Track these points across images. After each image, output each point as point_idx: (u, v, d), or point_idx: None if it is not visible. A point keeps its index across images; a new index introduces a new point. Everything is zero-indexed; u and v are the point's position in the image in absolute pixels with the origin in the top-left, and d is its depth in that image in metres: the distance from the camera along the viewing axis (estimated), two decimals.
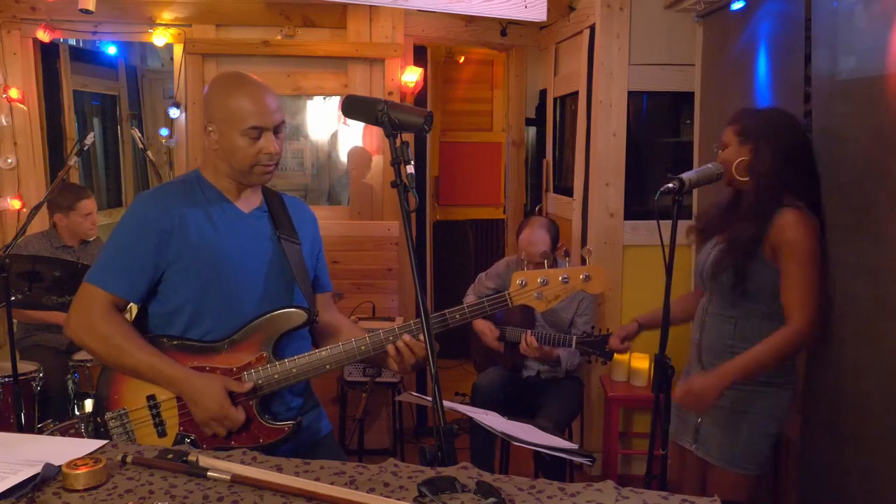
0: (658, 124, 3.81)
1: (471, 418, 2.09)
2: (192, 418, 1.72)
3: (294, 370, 1.73)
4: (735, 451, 2.20)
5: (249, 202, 1.85)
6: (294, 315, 1.77)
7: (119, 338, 1.70)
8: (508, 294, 1.75)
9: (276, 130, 1.76)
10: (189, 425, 1.73)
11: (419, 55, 4.45)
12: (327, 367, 1.74)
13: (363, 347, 1.73)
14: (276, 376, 1.73)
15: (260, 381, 1.72)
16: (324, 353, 1.74)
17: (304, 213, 1.97)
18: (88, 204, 3.57)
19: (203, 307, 1.75)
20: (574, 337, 3.08)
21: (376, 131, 4.08)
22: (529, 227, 3.24)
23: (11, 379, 2.71)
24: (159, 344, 1.75)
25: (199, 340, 1.75)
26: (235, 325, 1.75)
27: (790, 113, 2.28)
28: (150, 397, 1.74)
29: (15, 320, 3.35)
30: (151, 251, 1.72)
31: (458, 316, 1.74)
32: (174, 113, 4.14)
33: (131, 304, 1.81)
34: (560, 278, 1.74)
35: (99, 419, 1.77)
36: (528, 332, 3.13)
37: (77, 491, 1.24)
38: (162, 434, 1.75)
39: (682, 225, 2.20)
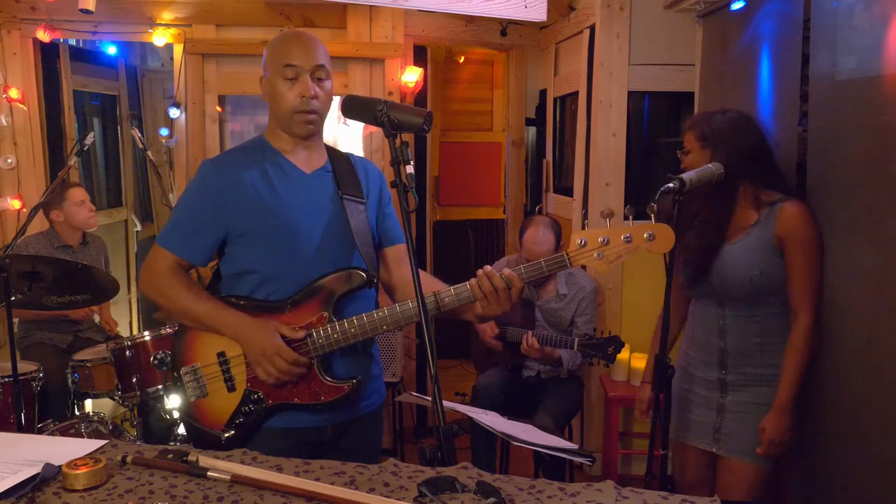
0: (658, 124, 3.81)
1: (471, 418, 2.09)
2: (256, 375, 1.77)
3: (353, 330, 1.75)
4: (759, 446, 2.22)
5: (312, 162, 1.86)
6: (354, 276, 1.80)
7: (180, 289, 1.80)
8: (567, 254, 1.67)
9: (317, 77, 1.77)
10: (256, 382, 1.79)
11: (419, 55, 4.46)
12: (384, 327, 1.75)
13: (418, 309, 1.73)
14: (335, 336, 1.75)
15: (320, 341, 1.75)
16: (381, 313, 1.75)
17: (371, 170, 1.98)
18: (76, 192, 3.57)
19: (267, 269, 1.79)
20: (576, 339, 3.08)
21: (376, 131, 4.08)
22: (534, 226, 3.23)
23: (11, 379, 2.70)
24: (228, 304, 1.81)
25: (264, 300, 1.81)
26: (297, 285, 1.79)
27: (745, 114, 2.33)
28: (220, 354, 1.82)
29: (16, 319, 3.36)
30: (211, 215, 1.78)
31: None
32: (174, 113, 4.14)
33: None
34: (623, 237, 1.64)
35: (175, 374, 1.86)
36: (530, 332, 3.13)
37: (77, 491, 1.24)
38: (231, 389, 1.81)
39: None
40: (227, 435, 1.80)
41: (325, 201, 1.84)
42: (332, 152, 1.93)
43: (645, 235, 1.64)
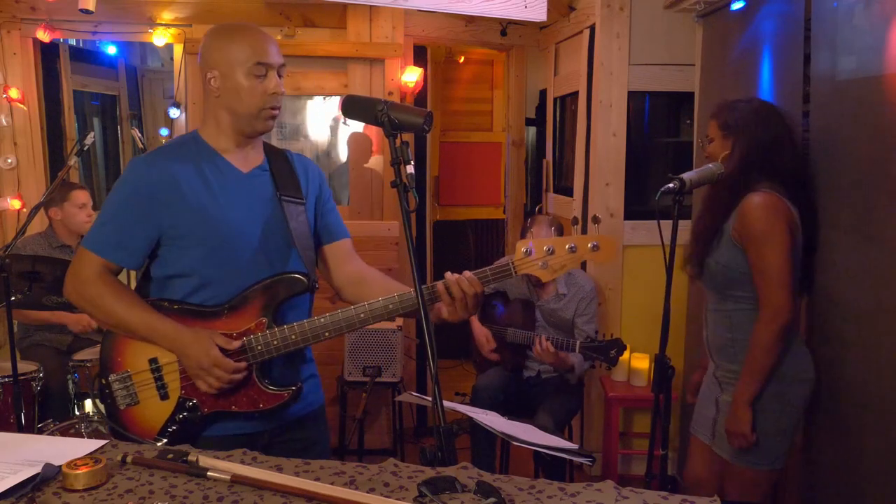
0: (658, 124, 3.81)
1: (471, 418, 2.09)
2: (194, 383, 1.71)
3: (293, 337, 1.70)
4: (749, 449, 2.17)
5: (249, 161, 1.80)
6: (294, 281, 1.74)
7: (110, 298, 1.70)
8: (512, 262, 1.68)
9: (279, 74, 1.75)
10: (190, 389, 1.72)
11: (419, 55, 4.45)
12: (326, 334, 1.70)
13: (362, 316, 1.68)
14: (274, 342, 1.70)
15: (259, 348, 1.70)
16: (323, 319, 1.70)
17: (310, 168, 1.93)
18: (80, 194, 3.57)
19: (203, 273, 1.72)
20: (578, 341, 3.07)
21: (376, 131, 4.08)
22: (538, 225, 3.22)
23: (11, 379, 2.70)
24: (160, 307, 1.74)
25: (199, 305, 1.74)
26: (235, 289, 1.73)
27: (769, 104, 2.30)
28: (153, 360, 1.74)
29: (15, 320, 3.35)
30: (143, 216, 1.70)
31: None
32: (174, 113, 4.14)
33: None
34: (567, 247, 1.67)
35: (104, 381, 1.77)
36: (543, 336, 3.09)
37: (77, 491, 1.24)
38: (164, 397, 1.74)
39: (683, 225, 2.20)
40: (159, 444, 1.70)
41: (263, 202, 1.78)
42: (269, 150, 1.86)
43: (589, 245, 1.67)
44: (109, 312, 1.71)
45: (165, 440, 1.73)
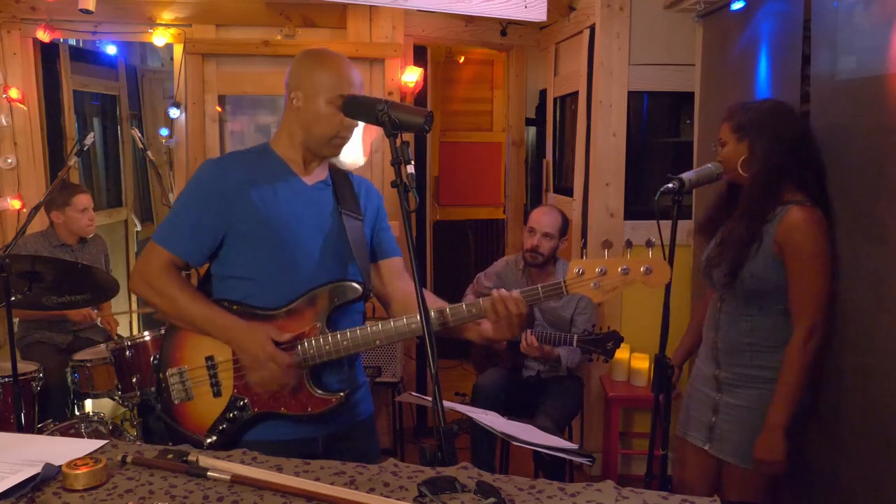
0: (658, 124, 3.81)
1: (471, 418, 2.09)
2: (246, 381, 1.76)
3: (345, 343, 1.75)
4: (752, 450, 2.14)
5: (314, 175, 1.88)
6: (349, 288, 1.80)
7: (174, 289, 1.77)
8: (564, 282, 1.70)
9: None
10: (243, 388, 1.78)
11: (419, 55, 4.45)
12: (377, 342, 1.75)
13: (413, 326, 1.72)
14: (326, 347, 1.75)
15: (311, 351, 1.75)
16: (375, 328, 1.75)
17: (371, 190, 2.01)
18: (83, 199, 3.58)
19: (262, 275, 1.79)
20: (575, 335, 3.08)
21: (376, 131, 4.08)
22: (543, 206, 3.26)
23: (11, 379, 2.70)
24: (220, 306, 1.80)
25: (257, 307, 1.80)
26: (291, 294, 1.79)
27: (785, 103, 2.23)
28: (209, 358, 1.81)
29: (16, 318, 3.35)
30: (211, 214, 1.77)
31: None
32: (174, 113, 4.14)
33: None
34: (620, 269, 1.68)
35: (161, 375, 1.84)
36: (529, 331, 3.12)
37: (77, 491, 1.24)
38: (217, 394, 1.80)
39: (683, 225, 2.19)
40: (209, 440, 1.78)
41: (324, 214, 1.85)
42: (334, 170, 1.95)
43: (642, 269, 1.68)
44: (172, 302, 1.78)
45: (215, 437, 1.79)
